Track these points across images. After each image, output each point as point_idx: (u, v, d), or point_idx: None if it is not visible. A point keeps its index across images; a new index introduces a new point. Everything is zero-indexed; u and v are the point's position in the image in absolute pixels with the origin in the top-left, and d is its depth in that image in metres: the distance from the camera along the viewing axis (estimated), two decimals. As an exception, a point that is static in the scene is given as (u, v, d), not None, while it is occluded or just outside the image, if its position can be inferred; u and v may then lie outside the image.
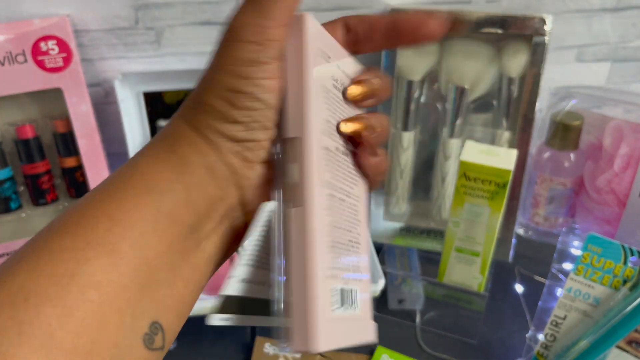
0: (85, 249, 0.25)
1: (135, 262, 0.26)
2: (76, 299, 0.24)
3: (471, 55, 0.64)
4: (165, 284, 0.28)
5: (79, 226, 0.26)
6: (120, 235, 0.26)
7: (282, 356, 0.65)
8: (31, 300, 0.24)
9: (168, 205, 0.28)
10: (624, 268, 0.53)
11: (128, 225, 0.27)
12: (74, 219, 0.27)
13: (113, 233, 0.26)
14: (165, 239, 0.28)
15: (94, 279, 0.25)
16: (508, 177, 0.56)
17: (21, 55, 0.60)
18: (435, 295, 0.70)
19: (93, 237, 0.26)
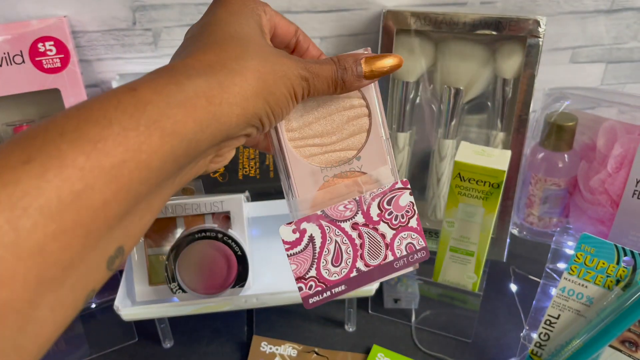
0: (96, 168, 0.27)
1: (127, 198, 0.28)
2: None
3: (466, 56, 0.65)
4: (139, 214, 0.30)
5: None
6: (129, 170, 0.28)
7: (278, 355, 0.66)
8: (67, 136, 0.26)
9: (177, 148, 0.30)
10: (617, 268, 0.54)
11: (129, 162, 0.28)
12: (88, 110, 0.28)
13: (121, 166, 0.28)
14: (156, 178, 0.30)
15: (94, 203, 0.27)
16: (502, 177, 0.56)
17: (19, 55, 0.61)
18: (431, 294, 0.70)
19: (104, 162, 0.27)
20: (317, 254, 0.43)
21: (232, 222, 0.61)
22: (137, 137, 0.28)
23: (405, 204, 0.44)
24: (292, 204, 0.43)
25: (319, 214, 0.42)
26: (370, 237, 0.43)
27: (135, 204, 0.29)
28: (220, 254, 0.60)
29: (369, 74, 0.39)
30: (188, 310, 0.59)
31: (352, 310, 0.68)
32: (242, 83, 0.33)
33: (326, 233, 0.42)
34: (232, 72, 0.33)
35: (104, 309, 0.65)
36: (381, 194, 0.43)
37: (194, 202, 0.61)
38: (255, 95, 0.34)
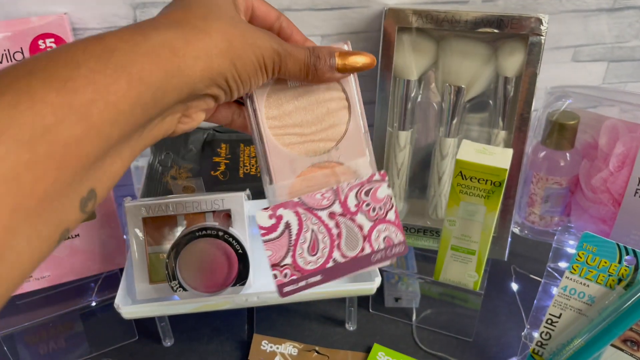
0: (70, 105, 0.28)
1: (100, 141, 0.30)
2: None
3: (468, 54, 0.65)
4: (109, 160, 0.32)
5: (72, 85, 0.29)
6: (99, 111, 0.29)
7: (279, 353, 0.66)
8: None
9: (147, 98, 0.31)
10: (619, 267, 0.53)
11: (108, 107, 0.29)
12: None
13: (93, 106, 0.29)
14: (128, 128, 0.31)
15: (65, 140, 0.28)
16: (504, 176, 0.56)
17: (19, 53, 0.60)
18: (432, 293, 0.70)
19: (75, 100, 0.29)
20: (293, 242, 0.43)
21: (233, 220, 0.61)
22: (104, 79, 0.29)
23: (383, 197, 0.44)
24: (270, 190, 0.44)
25: (296, 201, 0.42)
26: (347, 227, 0.44)
27: (107, 147, 0.30)
28: (221, 252, 0.60)
29: (341, 67, 0.41)
30: (188, 308, 0.59)
31: (353, 309, 0.68)
32: (207, 39, 0.34)
33: (303, 221, 0.43)
34: (197, 28, 0.34)
35: (104, 307, 0.65)
36: (359, 184, 0.44)
37: (195, 200, 0.60)
38: (221, 55, 0.35)
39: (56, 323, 0.65)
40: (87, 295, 0.65)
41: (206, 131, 0.70)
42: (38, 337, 0.64)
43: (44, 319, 0.62)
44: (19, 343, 0.63)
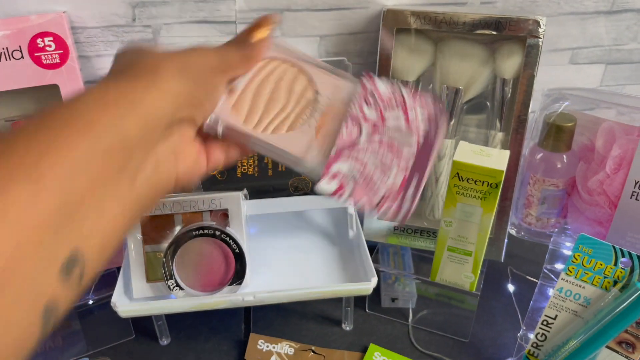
0: (10, 174, 0.26)
1: (61, 194, 0.27)
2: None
3: (465, 56, 0.65)
4: (91, 219, 0.29)
5: (9, 153, 0.27)
6: (49, 167, 0.27)
7: (275, 353, 0.66)
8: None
9: (104, 144, 0.30)
10: (615, 269, 0.54)
11: (59, 160, 0.28)
12: (5, 145, 0.27)
13: (41, 164, 0.27)
14: (96, 176, 0.30)
15: (16, 202, 0.25)
16: (500, 177, 0.56)
17: (18, 51, 0.60)
18: (428, 294, 0.70)
19: (21, 163, 0.26)
20: (367, 179, 0.43)
21: (230, 220, 0.61)
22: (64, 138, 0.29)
23: (386, 89, 0.45)
24: (309, 167, 0.43)
25: (334, 154, 0.42)
26: (391, 131, 0.44)
27: (74, 198, 0.28)
28: (218, 251, 0.60)
29: (261, 45, 0.44)
30: (185, 307, 0.59)
31: (350, 309, 0.69)
32: (162, 84, 0.35)
33: (357, 159, 0.43)
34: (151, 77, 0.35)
35: (101, 306, 0.65)
36: (359, 96, 0.44)
37: (192, 200, 0.60)
38: (176, 94, 0.36)
39: (53, 321, 0.64)
40: (84, 294, 0.65)
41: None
42: (35, 335, 0.64)
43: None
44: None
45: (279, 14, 0.68)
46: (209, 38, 0.68)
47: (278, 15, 0.45)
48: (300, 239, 0.74)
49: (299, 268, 0.69)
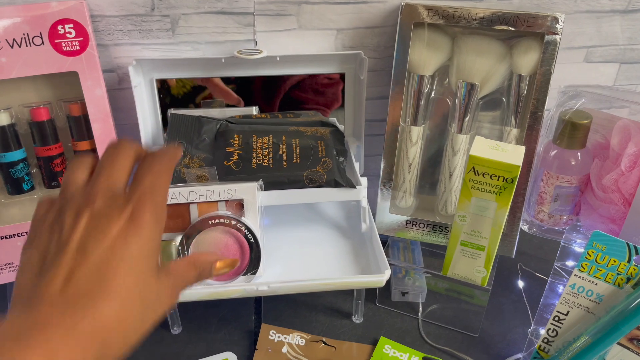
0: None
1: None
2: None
3: (482, 52, 0.65)
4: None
5: None
6: None
7: (286, 343, 0.66)
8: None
9: None
10: (628, 266, 0.54)
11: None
12: None
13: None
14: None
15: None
16: (517, 172, 0.56)
17: (38, 37, 0.61)
18: (438, 288, 0.71)
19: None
20: None
21: (246, 210, 0.61)
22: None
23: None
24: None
25: None
26: None
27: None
28: (233, 240, 0.61)
29: (217, 274, 0.44)
30: (200, 295, 0.59)
31: (360, 302, 0.69)
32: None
33: None
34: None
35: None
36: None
37: (208, 189, 0.61)
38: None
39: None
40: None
41: (219, 122, 0.71)
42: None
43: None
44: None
45: (297, 6, 0.68)
46: (226, 29, 0.69)
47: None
48: (313, 231, 0.74)
49: (312, 260, 0.69)
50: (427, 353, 0.66)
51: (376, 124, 0.77)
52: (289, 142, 0.68)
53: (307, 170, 0.65)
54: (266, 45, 0.70)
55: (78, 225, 0.36)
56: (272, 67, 0.71)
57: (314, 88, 0.76)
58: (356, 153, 0.75)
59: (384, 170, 0.72)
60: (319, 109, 0.77)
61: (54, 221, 0.38)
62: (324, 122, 0.73)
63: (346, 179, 0.66)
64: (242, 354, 0.65)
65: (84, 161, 0.41)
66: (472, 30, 0.65)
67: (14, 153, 0.65)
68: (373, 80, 0.74)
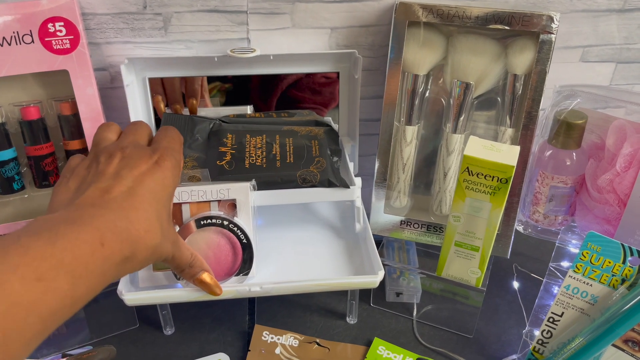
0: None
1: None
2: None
3: (477, 51, 0.65)
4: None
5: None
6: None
7: (279, 344, 0.66)
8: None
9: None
10: (623, 267, 0.54)
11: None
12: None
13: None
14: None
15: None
16: (511, 172, 0.56)
17: (28, 35, 0.60)
18: (433, 289, 0.70)
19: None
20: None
21: (238, 210, 0.61)
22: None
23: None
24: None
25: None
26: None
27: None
28: (225, 241, 0.60)
29: (197, 283, 0.56)
30: (192, 296, 0.59)
31: (354, 303, 0.68)
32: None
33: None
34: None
35: (106, 294, 0.64)
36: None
37: (200, 189, 0.60)
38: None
39: (57, 308, 0.64)
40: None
41: (212, 121, 0.70)
42: (38, 322, 0.64)
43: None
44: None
45: (290, 4, 0.67)
46: (219, 27, 0.68)
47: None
48: (307, 232, 0.73)
49: (305, 260, 0.68)
50: (422, 354, 0.66)
51: (371, 123, 0.76)
52: (283, 142, 0.68)
53: (301, 170, 0.64)
54: (260, 44, 0.70)
55: (112, 162, 0.44)
56: (266, 66, 0.70)
57: (311, 87, 0.75)
58: (350, 153, 0.75)
59: (378, 170, 0.71)
60: (316, 108, 0.76)
61: (89, 164, 0.46)
62: (318, 122, 0.73)
63: (340, 178, 0.65)
64: (235, 355, 0.65)
65: (112, 124, 0.50)
66: (467, 29, 0.65)
67: (4, 152, 0.64)
68: (367, 80, 0.73)
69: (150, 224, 0.42)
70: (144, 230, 0.41)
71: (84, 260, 0.35)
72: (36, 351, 0.64)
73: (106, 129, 0.49)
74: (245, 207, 0.61)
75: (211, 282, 0.56)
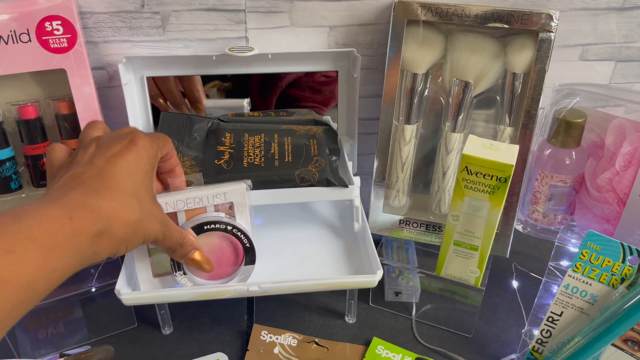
0: None
1: None
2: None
3: (476, 49, 0.64)
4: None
5: None
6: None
7: (278, 344, 0.65)
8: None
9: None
10: (622, 266, 0.53)
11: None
12: None
13: None
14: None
15: None
16: (510, 171, 0.56)
17: (25, 34, 0.60)
18: (432, 288, 0.70)
19: None
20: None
21: (236, 212, 0.60)
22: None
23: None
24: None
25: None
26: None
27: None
28: (227, 243, 0.60)
29: (189, 262, 0.57)
30: (190, 296, 0.59)
31: (353, 302, 0.68)
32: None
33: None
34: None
35: (104, 294, 0.64)
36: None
37: (196, 196, 0.58)
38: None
39: (55, 308, 0.64)
40: (87, 281, 0.64)
41: (210, 120, 0.70)
42: (37, 322, 0.64)
43: (43, 304, 0.62)
44: (18, 328, 0.63)
45: (289, 3, 0.67)
46: (217, 26, 0.68)
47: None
48: (305, 231, 0.73)
49: (304, 260, 0.68)
50: (421, 354, 0.65)
51: (369, 122, 0.76)
52: (281, 141, 0.67)
53: (299, 169, 0.64)
54: (258, 43, 0.70)
55: (88, 152, 0.46)
56: (264, 64, 0.70)
57: (311, 86, 0.75)
58: (349, 152, 0.75)
59: (377, 169, 0.71)
60: (315, 107, 0.76)
61: (70, 160, 0.47)
62: (316, 121, 0.72)
63: (339, 178, 0.65)
64: (233, 354, 0.65)
65: (98, 122, 0.51)
66: (466, 28, 0.65)
67: (2, 152, 0.64)
68: (366, 78, 0.73)
69: (125, 200, 0.43)
70: (119, 205, 0.43)
71: (53, 234, 0.37)
72: (34, 351, 0.64)
73: (92, 127, 0.50)
74: (243, 209, 0.60)
75: (201, 259, 0.57)
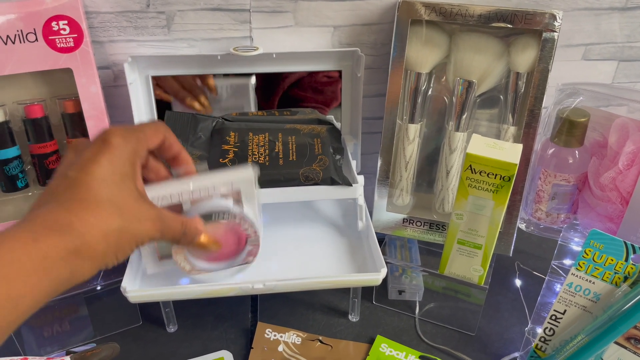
0: None
1: None
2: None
3: (480, 49, 0.65)
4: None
5: None
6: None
7: (282, 342, 0.66)
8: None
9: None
10: (626, 265, 0.54)
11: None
12: None
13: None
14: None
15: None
16: (514, 170, 0.56)
17: (32, 34, 0.60)
18: (435, 287, 0.70)
19: None
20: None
21: (243, 199, 0.59)
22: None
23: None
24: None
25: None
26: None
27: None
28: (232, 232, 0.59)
29: (197, 247, 0.53)
30: (196, 293, 0.59)
31: (357, 300, 0.69)
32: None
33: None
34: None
35: (109, 292, 0.65)
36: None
37: (202, 187, 0.58)
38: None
39: (61, 306, 0.65)
40: (92, 279, 0.65)
41: (215, 119, 0.70)
42: (42, 320, 0.65)
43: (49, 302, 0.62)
44: (23, 325, 0.63)
45: (293, 3, 0.68)
46: (222, 26, 0.68)
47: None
48: (309, 229, 0.74)
49: (308, 258, 0.69)
50: (424, 352, 0.66)
51: (373, 121, 0.76)
52: (285, 140, 0.68)
53: (304, 168, 0.64)
54: (262, 42, 0.70)
55: (65, 161, 0.44)
56: (269, 64, 0.70)
57: (313, 86, 0.75)
58: (353, 151, 0.75)
59: (380, 168, 0.71)
60: (317, 107, 0.76)
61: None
62: (320, 120, 0.73)
63: (342, 176, 0.65)
64: (238, 352, 0.65)
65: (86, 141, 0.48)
66: (470, 28, 0.65)
67: (8, 150, 0.64)
68: (370, 78, 0.73)
69: (100, 209, 0.40)
70: (93, 217, 0.40)
71: (15, 259, 0.36)
72: (39, 348, 0.64)
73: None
74: (250, 197, 0.59)
75: (208, 242, 0.54)
